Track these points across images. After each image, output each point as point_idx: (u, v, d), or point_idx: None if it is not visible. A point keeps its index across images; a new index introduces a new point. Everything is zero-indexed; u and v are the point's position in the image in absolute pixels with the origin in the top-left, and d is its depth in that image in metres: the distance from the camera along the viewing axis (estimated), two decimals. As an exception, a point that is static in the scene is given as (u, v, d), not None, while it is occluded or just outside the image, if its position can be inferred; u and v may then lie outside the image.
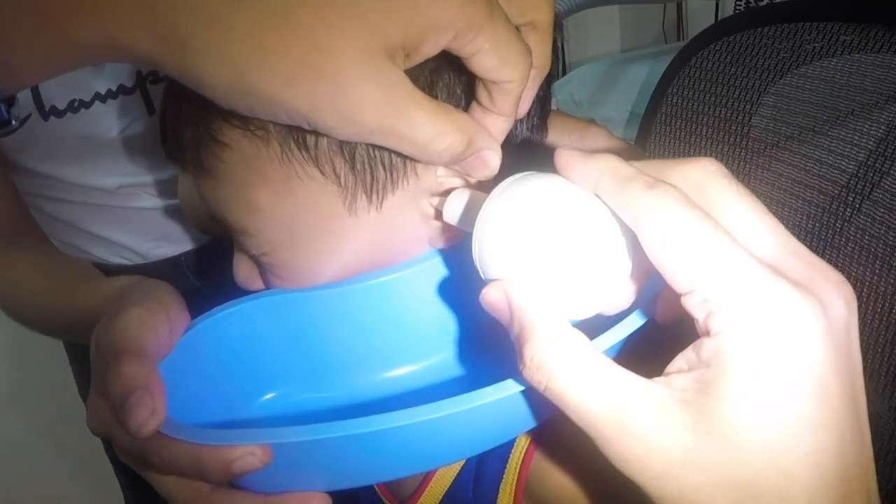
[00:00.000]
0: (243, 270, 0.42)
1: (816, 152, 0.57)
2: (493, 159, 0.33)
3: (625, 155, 0.39)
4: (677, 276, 0.23)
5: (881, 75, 0.54)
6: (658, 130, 0.72)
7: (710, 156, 0.27)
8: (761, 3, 1.11)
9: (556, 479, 0.37)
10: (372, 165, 0.35)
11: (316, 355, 0.40)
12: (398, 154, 0.34)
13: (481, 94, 0.32)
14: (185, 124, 0.36)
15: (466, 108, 0.34)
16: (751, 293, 0.22)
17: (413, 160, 0.34)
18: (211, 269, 0.70)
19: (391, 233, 0.37)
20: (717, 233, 0.23)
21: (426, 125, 0.29)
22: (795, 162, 0.59)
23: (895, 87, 0.54)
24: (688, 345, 0.24)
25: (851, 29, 0.55)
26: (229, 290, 0.69)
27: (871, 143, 0.56)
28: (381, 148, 0.34)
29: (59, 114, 0.60)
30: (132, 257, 0.67)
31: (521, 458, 0.38)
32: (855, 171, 0.54)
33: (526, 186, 0.28)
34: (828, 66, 0.59)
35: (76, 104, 0.61)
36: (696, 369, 0.23)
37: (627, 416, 0.23)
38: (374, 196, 0.35)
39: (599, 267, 0.26)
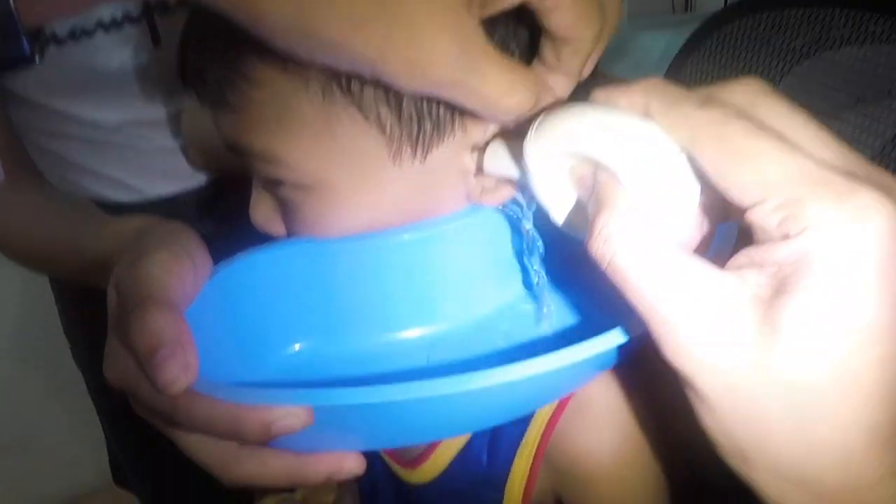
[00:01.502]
0: (262, 211, 0.41)
1: (834, 139, 0.57)
2: None
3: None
4: (745, 187, 0.22)
5: (909, 68, 0.54)
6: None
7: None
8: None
9: (579, 447, 0.37)
10: (419, 117, 0.34)
11: (343, 308, 0.39)
12: (448, 107, 0.33)
13: (548, 52, 0.31)
14: (209, 57, 0.35)
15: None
16: (830, 193, 0.21)
17: (464, 114, 0.33)
18: (211, 210, 0.68)
19: (431, 186, 0.36)
20: (781, 141, 0.22)
21: (497, 80, 0.28)
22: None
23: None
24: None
25: (882, 20, 0.55)
26: (233, 234, 0.67)
27: (890, 130, 0.56)
28: (429, 100, 0.33)
29: (60, 42, 0.57)
30: (129, 193, 0.65)
31: (544, 423, 0.38)
32: (872, 158, 0.54)
33: (575, 115, 0.26)
34: (853, 53, 0.59)
35: (77, 33, 0.57)
36: (768, 267, 0.22)
37: (695, 302, 0.22)
38: (420, 148, 0.35)
39: (670, 188, 0.25)
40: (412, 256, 0.38)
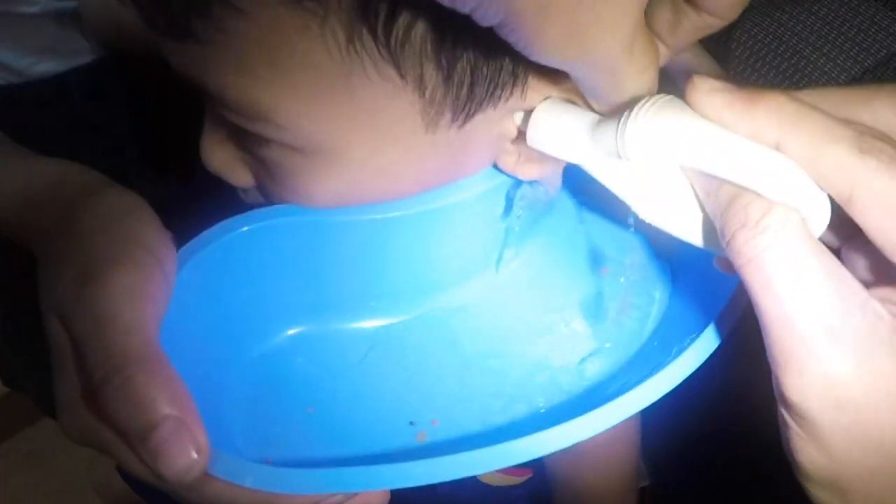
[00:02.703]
0: (219, 153, 0.32)
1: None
2: None
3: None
4: None
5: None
6: None
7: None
8: None
9: None
10: (473, 79, 0.26)
11: (335, 288, 0.34)
12: (512, 70, 0.27)
13: (664, 19, 0.25)
14: None
15: None
16: None
17: (528, 76, 0.27)
18: (106, 90, 0.56)
19: (461, 152, 0.30)
20: None
21: (639, 61, 0.22)
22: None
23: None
24: None
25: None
26: (140, 120, 0.56)
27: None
28: (493, 59, 0.26)
29: None
30: (5, 76, 0.51)
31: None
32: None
33: (695, 129, 0.22)
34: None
35: None
36: None
37: (839, 323, 0.20)
38: (463, 114, 0.28)
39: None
40: (414, 231, 0.33)
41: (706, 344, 0.26)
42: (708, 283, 0.29)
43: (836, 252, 0.25)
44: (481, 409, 0.33)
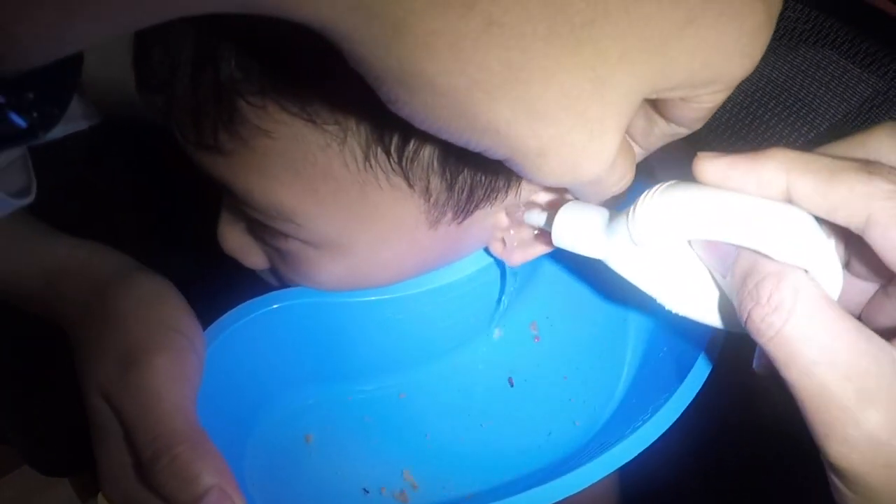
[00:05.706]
0: (235, 241, 0.35)
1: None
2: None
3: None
4: None
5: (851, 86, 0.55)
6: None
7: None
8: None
9: None
10: (473, 186, 0.30)
11: (349, 357, 0.37)
12: (507, 176, 0.30)
13: (639, 127, 0.27)
14: (201, 87, 0.26)
15: None
16: None
17: (520, 179, 0.30)
18: (104, 154, 0.57)
19: (458, 241, 0.33)
20: None
21: (620, 169, 0.24)
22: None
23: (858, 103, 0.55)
24: None
25: (845, 31, 0.55)
26: (135, 185, 0.57)
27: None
28: (491, 171, 0.29)
29: None
30: (4, 140, 0.52)
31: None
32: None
33: (705, 199, 0.23)
34: (805, 54, 0.59)
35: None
36: None
37: (872, 383, 0.19)
38: (462, 214, 0.31)
39: (822, 277, 0.22)
40: (416, 308, 0.36)
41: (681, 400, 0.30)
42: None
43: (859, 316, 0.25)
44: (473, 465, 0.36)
